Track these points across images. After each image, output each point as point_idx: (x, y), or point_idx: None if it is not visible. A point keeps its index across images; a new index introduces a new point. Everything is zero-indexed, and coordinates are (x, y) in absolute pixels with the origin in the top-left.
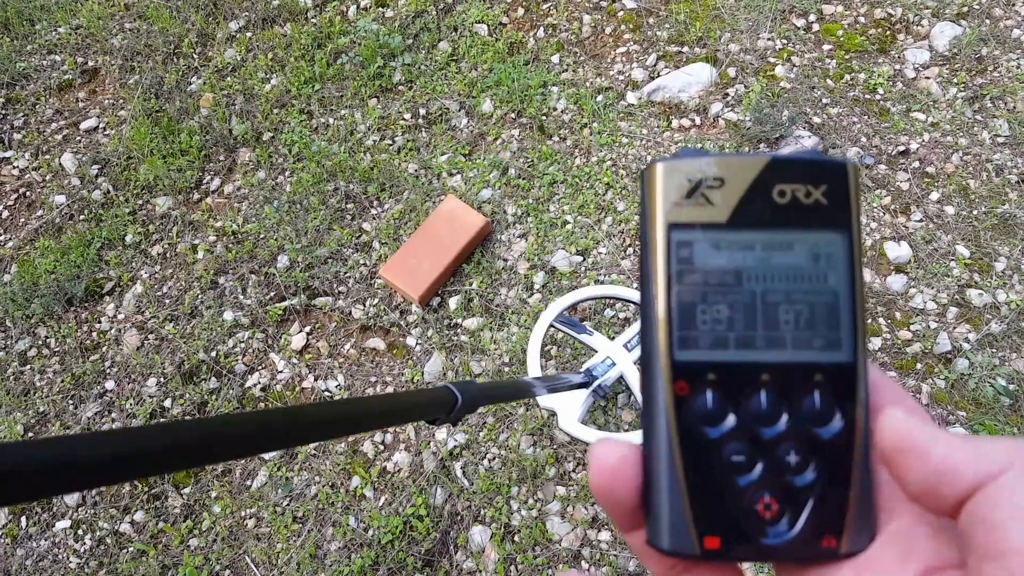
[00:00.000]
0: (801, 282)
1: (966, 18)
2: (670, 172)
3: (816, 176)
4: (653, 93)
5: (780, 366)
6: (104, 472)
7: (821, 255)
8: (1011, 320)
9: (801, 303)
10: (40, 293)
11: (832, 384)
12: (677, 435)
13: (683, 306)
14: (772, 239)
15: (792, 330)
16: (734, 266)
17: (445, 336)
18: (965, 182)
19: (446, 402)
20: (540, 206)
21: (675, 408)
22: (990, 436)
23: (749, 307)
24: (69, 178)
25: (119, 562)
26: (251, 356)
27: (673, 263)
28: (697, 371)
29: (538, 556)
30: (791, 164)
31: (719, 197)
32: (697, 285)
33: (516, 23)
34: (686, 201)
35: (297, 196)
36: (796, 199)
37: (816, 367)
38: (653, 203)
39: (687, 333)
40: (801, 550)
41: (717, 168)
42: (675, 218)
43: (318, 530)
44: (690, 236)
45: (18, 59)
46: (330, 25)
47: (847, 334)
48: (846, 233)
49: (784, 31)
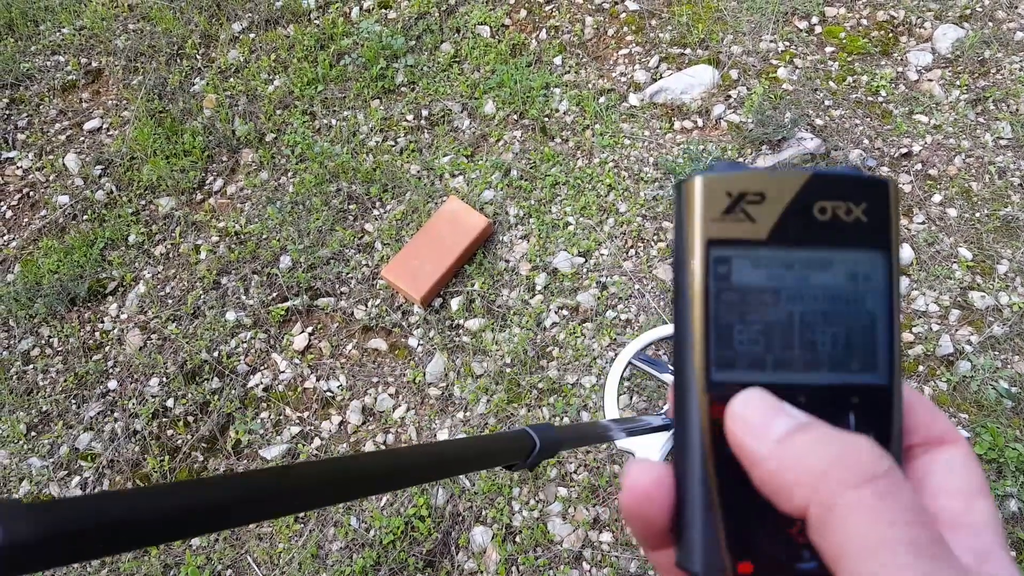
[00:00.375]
0: (839, 302)
1: (969, 20)
2: (709, 186)
3: (857, 193)
4: (655, 95)
5: (817, 388)
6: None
7: (860, 275)
8: (1013, 323)
9: (839, 324)
10: (43, 293)
11: (867, 406)
12: (713, 458)
13: (720, 325)
14: (812, 257)
15: (830, 351)
16: (773, 285)
17: (447, 337)
18: (967, 184)
19: (524, 447)
20: (542, 207)
21: (711, 430)
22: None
23: (787, 327)
24: (72, 178)
25: (121, 561)
26: (253, 356)
27: (711, 280)
28: (734, 392)
29: (539, 557)
30: (832, 180)
31: (759, 213)
32: (735, 304)
33: (518, 25)
34: (725, 217)
35: (300, 197)
36: (837, 216)
37: (852, 389)
38: (691, 218)
39: (724, 353)
40: None
41: (758, 183)
42: (714, 234)
43: (320, 530)
44: (729, 253)
45: (22, 60)
46: (333, 26)
47: (884, 356)
48: (886, 252)
49: (786, 33)
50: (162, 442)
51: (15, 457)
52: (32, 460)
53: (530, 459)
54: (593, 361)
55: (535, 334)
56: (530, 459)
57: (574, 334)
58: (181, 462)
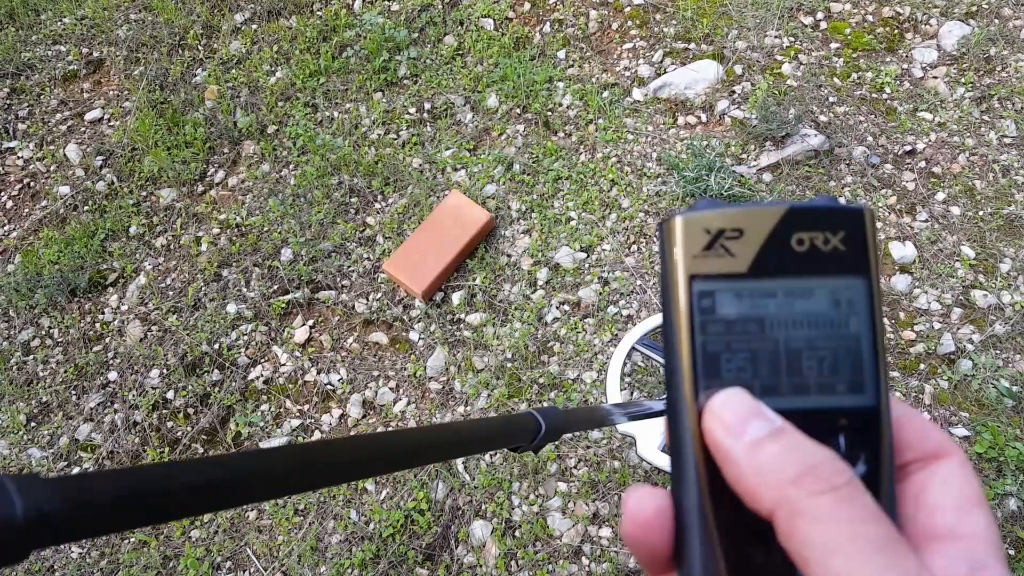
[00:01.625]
0: (823, 328)
1: (975, 17)
2: (689, 224)
3: (833, 223)
4: (659, 90)
5: (805, 412)
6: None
7: (842, 300)
8: (1015, 322)
9: (824, 349)
10: (44, 283)
11: (856, 428)
12: (708, 485)
13: (707, 356)
14: (793, 286)
15: (816, 376)
16: (756, 315)
17: (448, 331)
18: (971, 183)
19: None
20: (544, 202)
21: (704, 459)
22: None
23: (772, 355)
24: (73, 169)
25: (120, 552)
26: (254, 349)
27: (696, 314)
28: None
29: (539, 551)
30: (809, 212)
31: (738, 248)
32: (720, 335)
33: (522, 18)
34: (706, 252)
35: (301, 189)
36: (815, 246)
37: (840, 412)
38: (673, 255)
39: (712, 382)
40: None
41: (735, 219)
42: (696, 269)
43: (319, 523)
44: (711, 287)
45: (23, 49)
46: (336, 18)
47: (870, 378)
48: (866, 278)
49: (791, 29)
50: (162, 434)
51: (15, 448)
52: (32, 451)
53: (535, 441)
54: (594, 356)
55: (536, 329)
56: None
57: (575, 329)
58: (181, 454)
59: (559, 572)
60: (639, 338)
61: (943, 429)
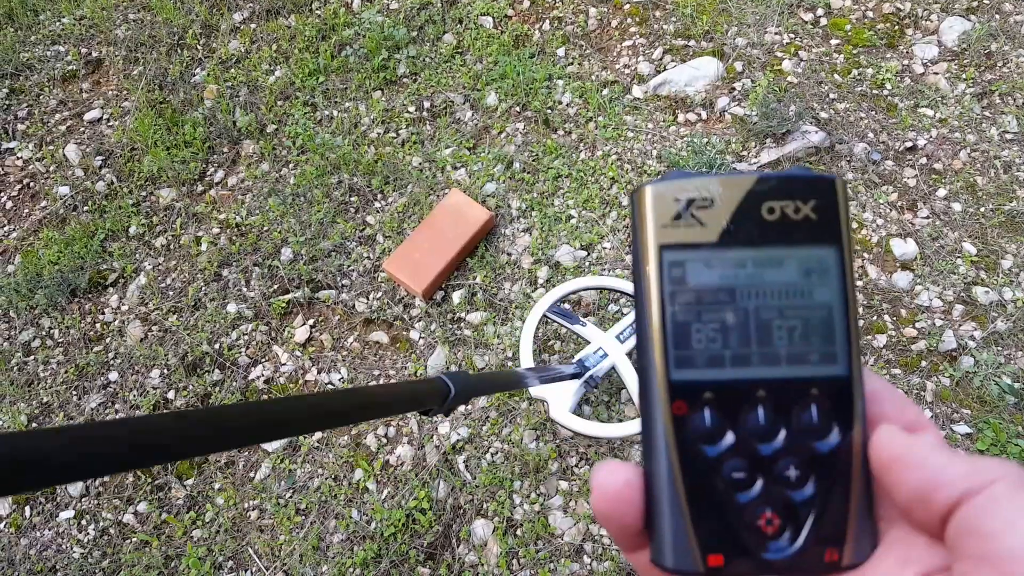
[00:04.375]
0: (793, 298)
1: (976, 13)
2: (659, 194)
3: (804, 192)
4: (659, 87)
5: (776, 382)
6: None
7: (812, 270)
8: (1017, 318)
9: (794, 318)
10: (44, 284)
11: (828, 398)
12: (677, 454)
13: (678, 326)
14: (763, 256)
15: (787, 346)
16: (726, 284)
17: (448, 330)
18: (973, 179)
19: (439, 392)
20: (545, 200)
21: (674, 428)
22: (980, 456)
23: (743, 324)
24: (73, 169)
25: (122, 552)
26: (254, 348)
27: (666, 284)
28: (694, 390)
29: (540, 550)
30: (779, 181)
31: (708, 217)
32: (691, 305)
33: (521, 16)
34: (676, 222)
35: (301, 189)
36: (785, 215)
37: (812, 381)
38: (644, 226)
39: (683, 353)
40: (804, 564)
41: (705, 188)
42: (666, 239)
43: (321, 522)
44: (682, 256)
45: (22, 49)
46: (334, 17)
47: (841, 347)
48: (836, 247)
49: (791, 25)
50: None
51: None
52: None
53: (446, 404)
54: None
55: (537, 328)
56: (446, 404)
57: None
58: None
59: (561, 571)
60: (549, 306)
61: (920, 406)
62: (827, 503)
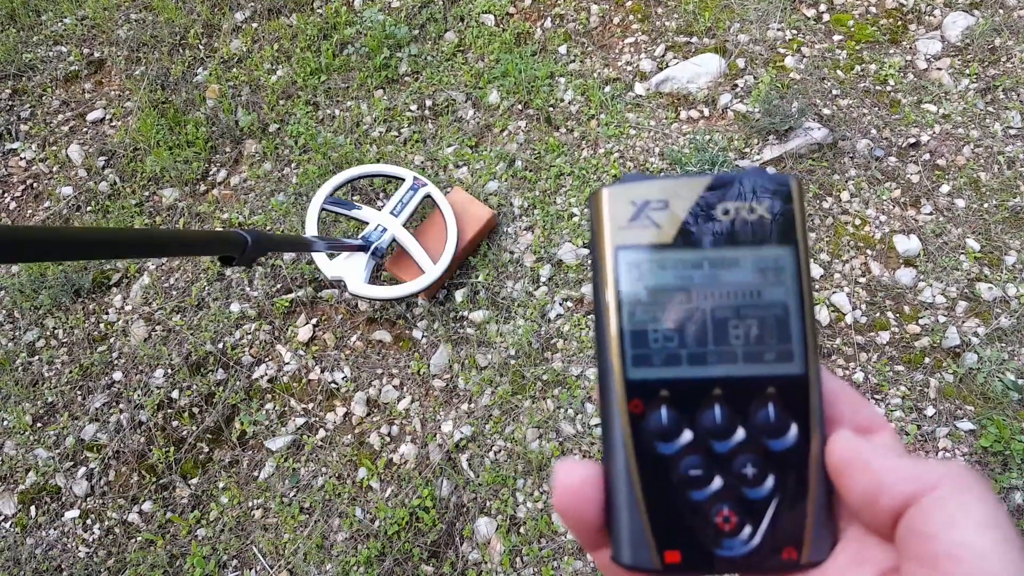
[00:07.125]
0: (749, 297)
1: (979, 8)
2: (615, 197)
3: (759, 193)
4: (661, 84)
5: (732, 380)
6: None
7: (767, 269)
8: (1021, 314)
9: (750, 318)
10: (48, 284)
11: (785, 396)
12: (634, 452)
13: (634, 325)
14: (717, 256)
15: (743, 344)
16: (681, 284)
17: (451, 329)
18: (976, 175)
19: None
20: (547, 198)
21: (631, 426)
22: (926, 459)
23: (699, 324)
24: (76, 169)
25: (127, 552)
26: (258, 348)
27: (622, 284)
28: (650, 388)
29: (543, 548)
30: (733, 182)
31: (663, 218)
32: (646, 304)
33: (523, 13)
34: (632, 224)
35: (303, 188)
36: (740, 216)
37: (768, 380)
38: (601, 227)
39: (639, 351)
40: (762, 561)
41: (660, 191)
42: (622, 240)
43: (325, 521)
44: (637, 257)
45: (24, 50)
46: (336, 16)
47: (798, 346)
48: (792, 247)
49: (794, 21)
50: (167, 433)
51: (21, 448)
52: (38, 451)
53: (245, 254)
54: None
55: (539, 326)
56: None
57: (579, 326)
58: (187, 453)
59: (564, 569)
60: (325, 198)
61: (875, 404)
62: (784, 501)
